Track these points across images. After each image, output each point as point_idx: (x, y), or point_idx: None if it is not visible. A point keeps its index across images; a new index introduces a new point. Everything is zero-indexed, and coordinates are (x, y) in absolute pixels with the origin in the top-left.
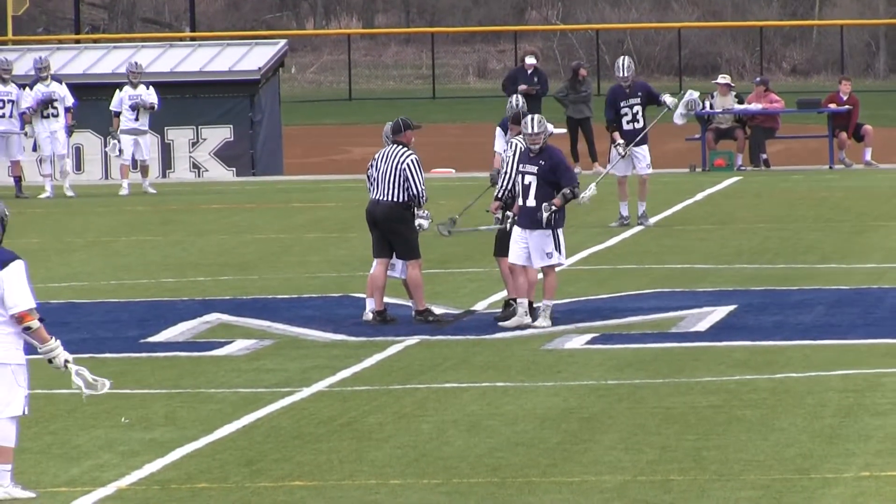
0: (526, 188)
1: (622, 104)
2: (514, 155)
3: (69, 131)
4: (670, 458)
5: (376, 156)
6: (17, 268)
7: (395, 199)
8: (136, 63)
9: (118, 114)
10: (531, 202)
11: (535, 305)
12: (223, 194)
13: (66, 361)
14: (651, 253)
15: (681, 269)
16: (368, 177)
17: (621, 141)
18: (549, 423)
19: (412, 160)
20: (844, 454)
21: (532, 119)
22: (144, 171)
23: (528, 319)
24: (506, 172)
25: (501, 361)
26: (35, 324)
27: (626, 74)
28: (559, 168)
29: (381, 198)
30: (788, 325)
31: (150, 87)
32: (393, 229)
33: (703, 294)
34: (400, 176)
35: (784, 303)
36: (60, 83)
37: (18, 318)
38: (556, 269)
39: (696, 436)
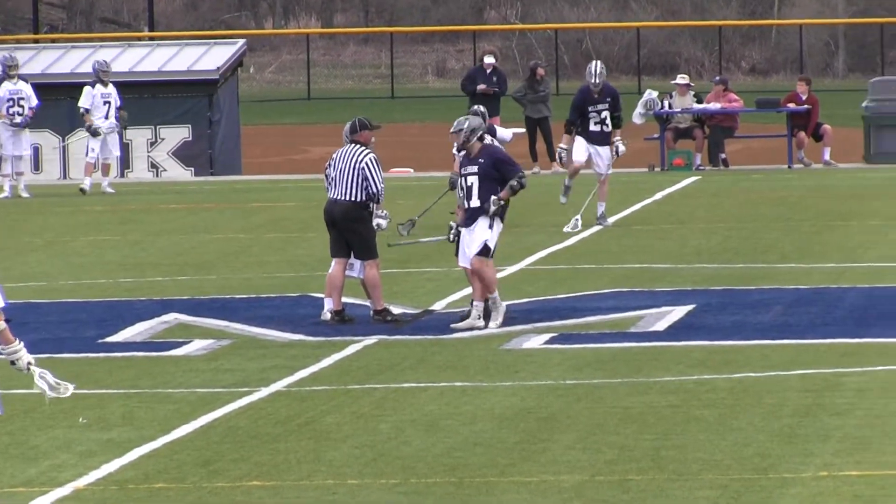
0: (469, 189)
1: (590, 108)
2: None
3: (23, 123)
4: (628, 457)
5: (334, 155)
6: None
7: (354, 199)
8: (104, 62)
9: (87, 111)
10: (475, 202)
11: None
12: (182, 194)
13: (29, 364)
14: (610, 252)
15: (639, 268)
16: (326, 176)
17: (565, 146)
18: (507, 423)
19: (371, 159)
20: (803, 454)
21: (460, 119)
22: (106, 169)
23: (480, 322)
24: None
25: (460, 361)
26: (1, 325)
27: (597, 80)
28: (500, 163)
29: (339, 197)
30: (747, 324)
31: (115, 88)
32: (351, 228)
33: (662, 294)
34: (358, 175)
35: (743, 302)
36: (27, 82)
37: None
38: (490, 263)
39: (655, 435)
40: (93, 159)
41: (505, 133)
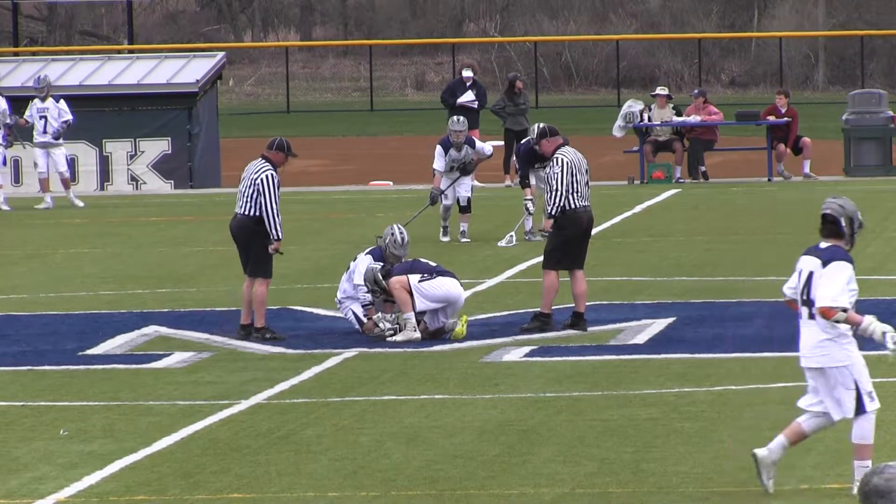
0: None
1: (536, 165)
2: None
3: (7, 143)
4: (609, 470)
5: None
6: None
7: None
8: (41, 77)
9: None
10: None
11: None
12: (161, 207)
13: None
14: (589, 265)
15: (619, 281)
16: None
17: (531, 196)
18: (487, 436)
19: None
20: (784, 467)
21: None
22: (65, 183)
23: (416, 335)
24: (556, 189)
25: (439, 374)
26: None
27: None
28: None
29: (237, 211)
30: (727, 337)
31: (61, 101)
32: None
33: (642, 306)
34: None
35: (723, 315)
36: (3, 97)
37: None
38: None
39: (635, 448)
40: (43, 173)
41: (485, 147)
